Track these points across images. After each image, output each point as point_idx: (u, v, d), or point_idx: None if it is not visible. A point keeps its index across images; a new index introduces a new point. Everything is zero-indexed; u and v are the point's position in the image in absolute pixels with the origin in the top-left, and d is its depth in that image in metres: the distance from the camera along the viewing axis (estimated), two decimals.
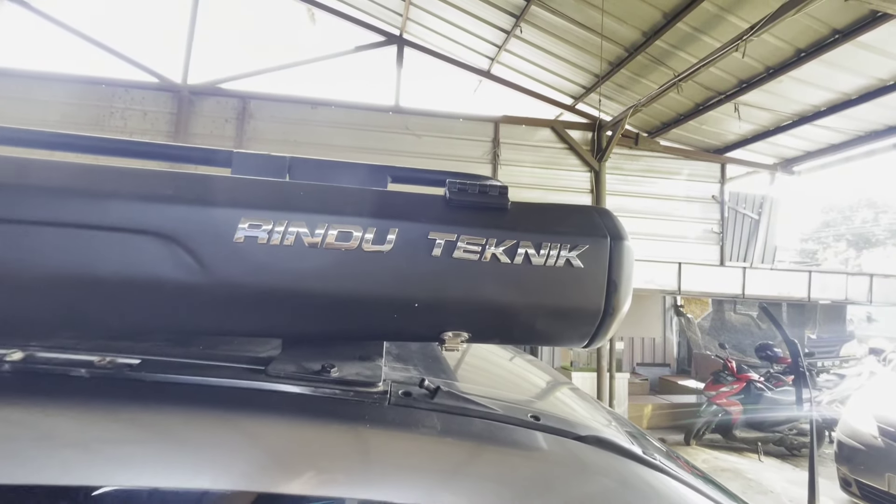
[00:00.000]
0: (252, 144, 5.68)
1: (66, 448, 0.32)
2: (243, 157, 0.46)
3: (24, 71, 5.41)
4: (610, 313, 0.41)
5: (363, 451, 0.36)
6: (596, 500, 0.38)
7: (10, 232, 0.32)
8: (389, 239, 0.36)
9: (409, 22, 6.07)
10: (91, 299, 0.35)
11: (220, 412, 0.36)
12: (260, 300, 0.36)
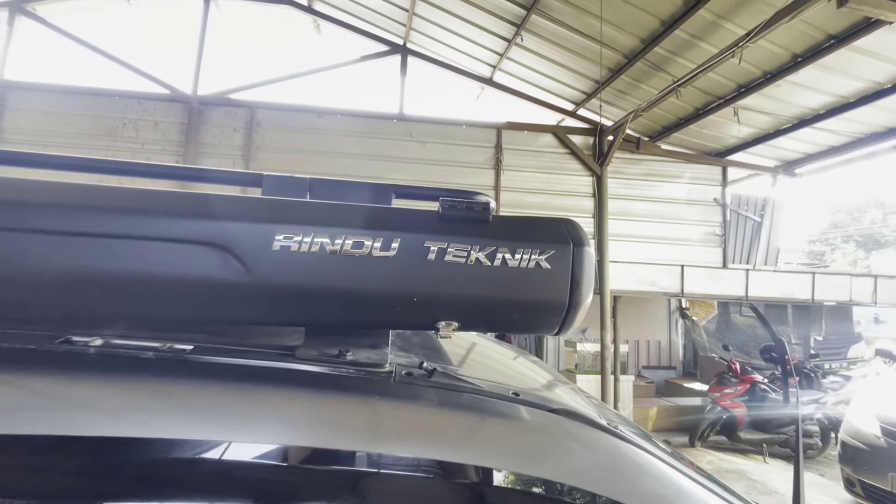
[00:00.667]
0: (260, 153, 5.82)
1: (140, 411, 0.41)
2: (271, 179, 0.56)
3: (41, 84, 5.60)
4: (574, 306, 0.50)
5: (373, 418, 0.46)
6: (564, 460, 0.47)
7: (99, 244, 0.42)
8: (393, 247, 0.46)
9: (412, 32, 6.21)
10: (160, 297, 0.45)
11: (257, 387, 0.46)
12: (291, 296, 0.46)
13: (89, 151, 5.55)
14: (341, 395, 0.46)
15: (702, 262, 6.40)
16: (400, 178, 5.93)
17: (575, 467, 0.46)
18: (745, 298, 6.51)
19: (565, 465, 0.46)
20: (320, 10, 6.48)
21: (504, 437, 0.47)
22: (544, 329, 0.51)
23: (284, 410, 0.44)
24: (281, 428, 0.42)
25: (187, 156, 5.67)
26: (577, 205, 6.21)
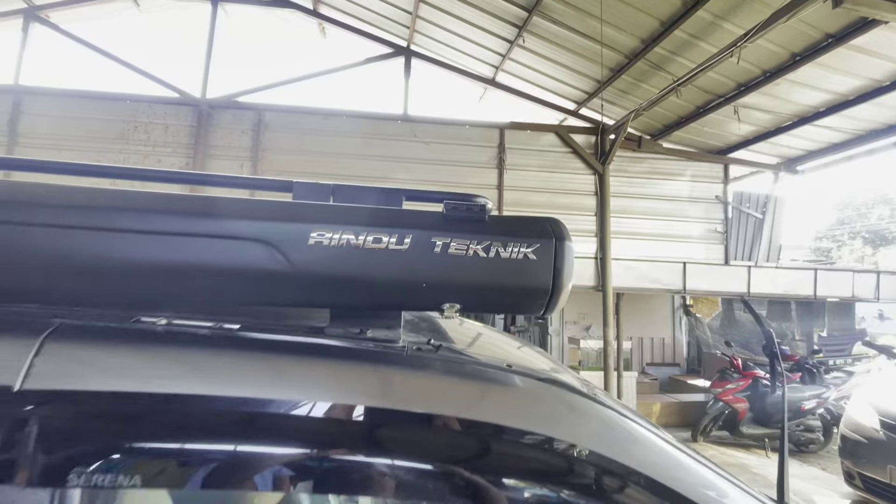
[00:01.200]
0: (268, 155, 5.94)
1: (201, 375, 0.52)
2: (301, 185, 0.66)
3: (55, 89, 5.75)
4: (556, 291, 0.60)
5: (388, 382, 0.56)
6: (548, 417, 0.57)
7: (173, 242, 0.52)
8: (406, 242, 0.55)
9: (415, 34, 6.30)
10: (217, 284, 0.55)
11: (296, 357, 0.56)
12: (322, 283, 0.56)
13: (102, 154, 5.69)
14: (362, 365, 0.56)
15: (704, 259, 6.46)
16: (404, 178, 6.03)
17: (557, 423, 0.55)
18: (748, 295, 6.57)
19: (549, 421, 0.55)
20: (325, 14, 6.59)
21: (498, 398, 0.57)
22: (532, 310, 0.60)
23: (318, 376, 0.54)
24: (316, 389, 0.52)
25: (197, 158, 5.80)
26: (579, 203, 6.28)
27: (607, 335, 6.14)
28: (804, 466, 5.43)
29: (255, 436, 0.49)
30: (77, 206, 0.52)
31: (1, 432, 0.45)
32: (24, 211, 0.52)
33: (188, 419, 0.49)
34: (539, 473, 0.53)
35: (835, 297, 7.10)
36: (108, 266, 0.53)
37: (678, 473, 0.57)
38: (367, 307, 0.61)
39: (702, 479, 0.60)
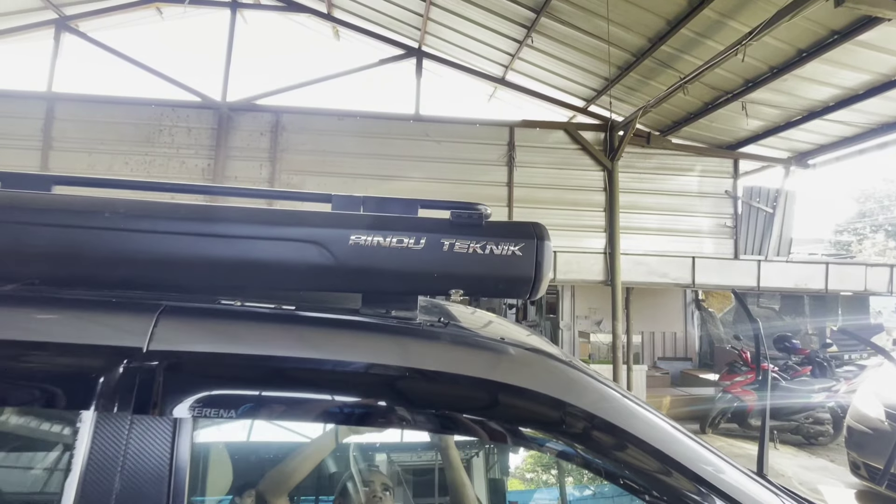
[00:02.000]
0: (285, 155, 6.16)
1: (273, 341, 0.70)
2: (338, 197, 0.84)
3: (85, 95, 6.05)
4: (538, 280, 0.76)
5: (407, 349, 0.73)
6: (532, 375, 0.74)
7: (247, 243, 0.70)
8: (421, 242, 0.72)
9: (426, 35, 6.45)
10: (282, 275, 0.73)
11: (340, 330, 0.74)
12: (358, 274, 0.73)
13: (130, 157, 5.99)
14: (389, 336, 0.74)
15: (713, 253, 6.52)
16: (417, 176, 6.21)
17: (537, 379, 0.72)
18: (757, 289, 6.61)
19: (530, 378, 0.72)
20: (339, 17, 6.78)
21: (491, 360, 0.74)
22: (520, 295, 0.76)
23: (357, 343, 0.72)
24: (355, 352, 0.70)
25: (218, 159, 6.06)
26: (588, 199, 6.39)
27: (616, 329, 6.25)
28: (813, 458, 5.50)
29: (311, 383, 0.68)
30: (180, 218, 0.71)
31: (137, 379, 0.64)
32: (141, 222, 0.71)
33: (262, 371, 0.67)
34: (521, 418, 0.70)
35: (847, 291, 7.10)
36: (198, 262, 0.72)
37: (635, 421, 0.74)
38: (391, 293, 0.79)
39: (659, 428, 0.76)
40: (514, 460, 0.98)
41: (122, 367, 0.63)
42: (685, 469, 0.71)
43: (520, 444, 0.73)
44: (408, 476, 0.96)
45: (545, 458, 0.85)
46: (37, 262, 0.73)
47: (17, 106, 5.88)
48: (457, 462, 0.94)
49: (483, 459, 1.02)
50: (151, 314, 0.68)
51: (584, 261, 6.33)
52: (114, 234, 0.70)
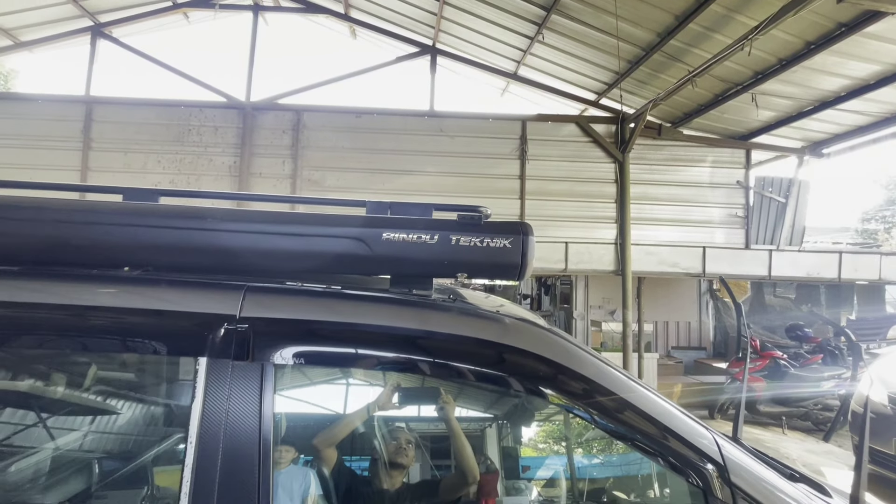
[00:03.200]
0: (306, 152, 6.45)
1: (327, 310, 0.96)
2: (371, 203, 1.08)
3: (119, 98, 6.43)
4: (523, 266, 0.99)
5: (424, 317, 0.98)
6: (524, 338, 0.98)
7: (308, 240, 0.96)
8: (435, 238, 0.96)
9: (440, 33, 6.63)
10: (332, 263, 0.98)
11: (374, 304, 0.99)
12: (389, 262, 0.98)
13: (162, 156, 6.35)
14: (410, 308, 0.99)
15: (724, 243, 6.60)
16: (432, 171, 6.43)
17: (524, 340, 0.96)
18: (769, 278, 6.68)
19: (520, 339, 0.96)
20: (355, 17, 7.00)
21: (488, 325, 0.98)
22: (510, 277, 1.00)
23: (387, 313, 0.97)
24: (387, 320, 0.95)
25: (243, 157, 6.38)
26: (600, 191, 6.53)
27: (626, 317, 6.41)
28: (821, 443, 5.61)
29: (354, 341, 0.93)
30: (260, 221, 0.97)
31: (234, 336, 0.90)
32: (232, 225, 0.97)
33: (319, 332, 0.93)
34: (509, 368, 0.94)
35: (862, 280, 7.10)
36: (272, 254, 0.98)
37: (596, 371, 0.97)
38: (412, 276, 1.03)
39: (618, 378, 0.99)
40: (503, 408, 1.23)
41: (224, 328, 0.89)
42: (639, 410, 0.95)
43: (506, 389, 0.98)
44: (424, 437, 1.22)
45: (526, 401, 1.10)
46: (150, 253, 1.00)
47: (59, 109, 6.30)
48: (457, 428, 1.16)
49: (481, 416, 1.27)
50: (240, 291, 0.94)
51: (595, 251, 6.49)
52: (211, 234, 0.96)
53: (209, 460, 0.82)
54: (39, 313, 0.92)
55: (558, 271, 6.64)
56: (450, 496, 1.15)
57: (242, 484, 0.81)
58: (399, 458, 1.10)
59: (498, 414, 1.17)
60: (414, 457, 1.15)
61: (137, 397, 0.98)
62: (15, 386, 0.96)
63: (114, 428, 0.96)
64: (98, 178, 6.28)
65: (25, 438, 0.95)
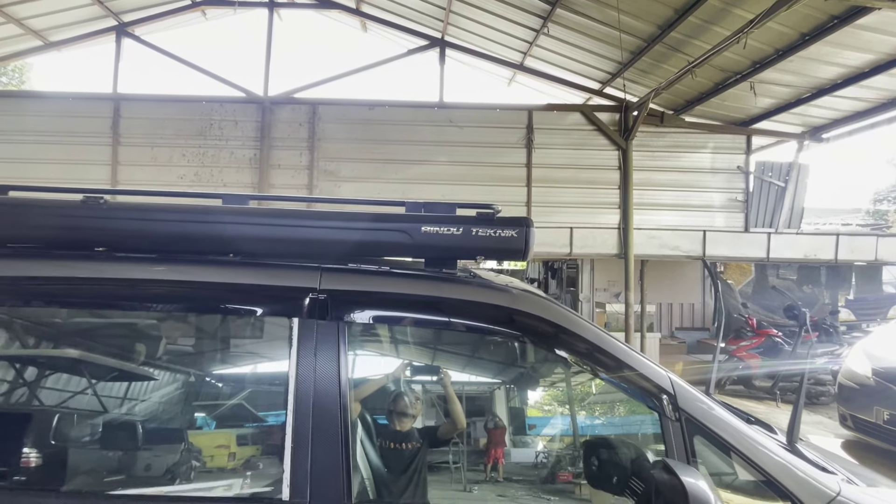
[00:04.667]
0: (322, 144, 6.76)
1: (375, 282, 1.31)
2: (410, 203, 1.42)
3: (145, 95, 6.76)
4: (526, 250, 1.32)
5: (451, 288, 1.32)
6: (526, 303, 1.32)
7: (366, 232, 1.30)
8: (459, 231, 1.29)
9: (449, 26, 6.84)
10: (383, 250, 1.32)
11: (415, 280, 1.34)
12: (426, 248, 1.31)
13: (186, 150, 6.70)
14: (441, 282, 1.33)
15: (724, 226, 6.85)
16: (441, 160, 6.72)
17: (525, 303, 1.30)
18: (767, 260, 6.94)
19: (526, 304, 1.30)
20: (366, 12, 7.22)
21: (500, 295, 1.32)
22: (516, 259, 1.33)
23: (424, 286, 1.31)
24: (424, 289, 1.30)
25: (263, 149, 6.71)
26: (603, 177, 6.78)
27: (628, 299, 6.73)
28: (811, 415, 5.95)
29: (399, 306, 1.28)
30: (328, 219, 1.31)
31: (316, 303, 1.24)
32: (307, 221, 1.31)
33: (375, 301, 1.28)
34: (515, 324, 1.29)
35: (860, 262, 7.33)
36: (340, 244, 1.32)
37: (577, 327, 1.30)
38: (443, 259, 1.37)
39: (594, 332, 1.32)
40: (510, 357, 1.60)
41: (309, 297, 1.24)
42: (612, 355, 1.29)
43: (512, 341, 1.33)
44: (428, 395, 1.61)
45: (528, 351, 1.46)
46: (248, 243, 1.34)
47: (89, 106, 6.65)
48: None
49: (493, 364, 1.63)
50: (318, 271, 1.29)
51: (598, 235, 6.78)
52: (294, 229, 1.30)
53: (304, 391, 1.17)
54: (175, 288, 1.27)
55: (563, 255, 6.96)
56: (445, 437, 1.59)
57: (328, 409, 1.16)
58: (411, 409, 1.52)
59: (505, 361, 1.53)
60: (421, 409, 1.56)
61: (252, 348, 1.35)
62: (167, 339, 1.33)
63: (234, 368, 1.33)
64: (127, 171, 6.66)
65: (170, 380, 1.32)
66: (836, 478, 1.32)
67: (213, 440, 1.32)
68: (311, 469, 1.10)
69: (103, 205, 1.29)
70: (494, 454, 1.57)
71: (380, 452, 1.45)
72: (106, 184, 6.49)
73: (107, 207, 1.29)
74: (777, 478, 1.19)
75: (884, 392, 4.33)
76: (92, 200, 1.29)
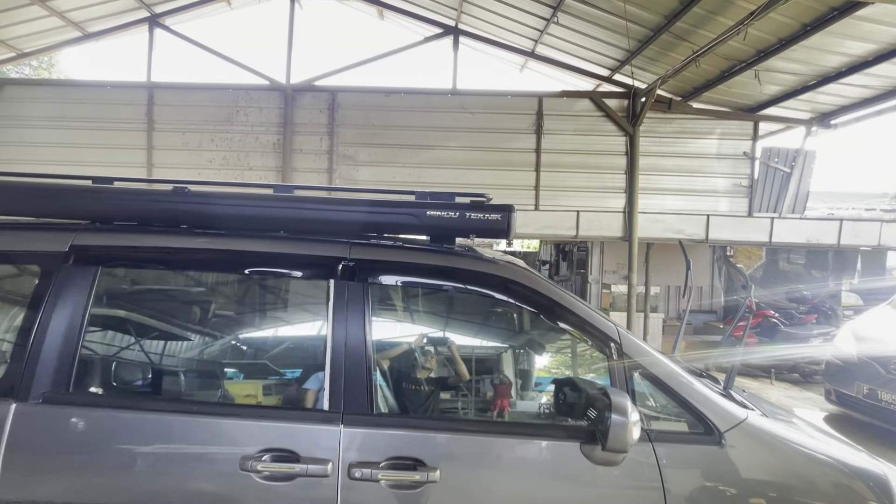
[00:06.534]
0: (341, 129, 7.13)
1: (392, 255, 1.71)
2: (419, 192, 1.79)
3: (177, 83, 7.20)
4: (509, 231, 1.68)
5: (450, 259, 1.70)
6: (507, 270, 1.70)
7: (388, 215, 1.69)
8: (456, 214, 1.65)
9: (462, 14, 7.06)
10: (396, 229, 1.71)
11: (422, 252, 1.73)
12: (430, 228, 1.69)
13: (215, 136, 7.14)
14: (442, 254, 1.71)
15: (728, 211, 7.05)
16: (454, 146, 7.03)
17: (509, 272, 1.67)
18: (769, 244, 7.14)
19: (509, 273, 1.67)
20: (383, 0, 7.47)
21: (486, 263, 1.69)
22: (501, 237, 1.69)
23: (430, 257, 1.70)
24: (427, 259, 1.69)
25: (286, 135, 7.11)
26: (610, 163, 7.02)
27: (631, 280, 7.03)
28: (803, 391, 6.25)
29: (408, 272, 1.68)
30: (360, 204, 1.70)
31: (347, 270, 1.64)
32: (338, 206, 1.71)
33: (392, 267, 1.68)
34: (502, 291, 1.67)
35: (865, 246, 7.46)
36: (363, 223, 1.71)
37: (557, 296, 1.67)
38: (444, 236, 1.75)
39: (566, 298, 1.70)
40: (498, 315, 1.99)
41: (342, 264, 1.64)
42: (573, 311, 1.66)
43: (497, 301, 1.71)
44: (440, 356, 2.02)
45: (510, 310, 1.85)
46: (293, 223, 1.75)
47: (126, 94, 7.12)
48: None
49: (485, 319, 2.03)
50: (348, 244, 1.68)
51: (604, 219, 7.06)
52: (329, 212, 1.70)
53: (339, 332, 1.57)
54: (241, 257, 1.69)
55: (570, 237, 7.27)
56: (452, 384, 2.01)
57: (356, 346, 1.57)
58: (427, 363, 1.94)
59: (490, 317, 1.93)
60: (435, 364, 1.97)
61: (299, 301, 1.77)
62: (237, 293, 1.77)
63: (287, 315, 1.76)
64: (161, 155, 7.15)
65: (237, 322, 1.76)
66: (750, 411, 1.69)
67: (273, 365, 1.77)
68: (343, 387, 1.51)
69: (187, 193, 1.70)
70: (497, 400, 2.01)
71: (400, 388, 1.89)
72: (142, 167, 7.01)
73: (189, 195, 1.70)
74: (695, 404, 1.57)
75: (865, 368, 4.61)
76: (178, 189, 1.70)
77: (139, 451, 1.43)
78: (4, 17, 6.52)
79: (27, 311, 1.53)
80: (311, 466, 1.40)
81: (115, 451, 1.42)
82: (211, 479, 1.43)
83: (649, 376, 1.62)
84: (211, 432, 1.46)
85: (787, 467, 1.56)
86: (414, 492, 1.42)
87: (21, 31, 6.98)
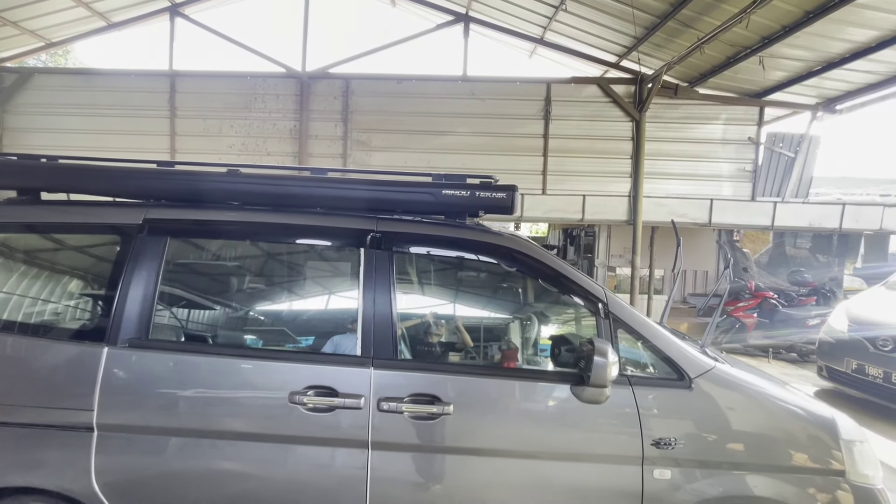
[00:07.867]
0: (355, 116, 7.38)
1: (412, 229, 2.02)
2: (435, 175, 2.07)
3: (197, 71, 7.47)
4: (513, 207, 1.96)
5: (463, 232, 2.00)
6: (511, 241, 1.99)
7: (409, 194, 1.98)
8: (467, 193, 1.92)
9: (473, 1, 7.20)
10: (415, 207, 1.99)
11: (439, 226, 2.03)
12: (445, 206, 1.95)
13: (234, 122, 7.43)
14: (456, 228, 1.99)
15: (731, 195, 7.21)
16: (464, 131, 7.25)
17: (514, 244, 1.95)
18: (772, 227, 7.30)
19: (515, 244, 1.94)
20: None
21: (493, 236, 1.97)
22: (506, 213, 1.97)
23: (446, 231, 1.99)
24: (444, 232, 1.98)
25: (302, 121, 7.38)
26: (616, 148, 7.19)
27: (635, 262, 7.27)
28: (799, 370, 6.48)
29: (429, 243, 1.97)
30: (385, 184, 1.99)
31: (375, 240, 1.94)
32: (367, 186, 1.99)
33: (413, 239, 1.98)
34: (507, 258, 1.95)
35: (868, 230, 7.59)
36: (388, 202, 2.00)
37: (555, 264, 1.95)
38: (457, 214, 2.03)
39: (562, 266, 1.97)
40: (503, 281, 2.29)
41: (371, 235, 1.93)
42: (567, 277, 1.94)
43: (504, 270, 2.00)
44: (450, 324, 2.32)
45: (513, 276, 2.14)
46: (326, 201, 2.04)
47: (149, 82, 7.42)
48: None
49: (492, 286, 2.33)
50: (375, 219, 1.97)
51: (609, 203, 7.27)
52: (358, 192, 1.99)
53: (368, 293, 1.87)
54: (286, 229, 1.99)
55: (576, 221, 7.50)
56: (458, 348, 2.30)
57: (383, 304, 1.87)
58: (438, 329, 2.25)
59: (496, 282, 2.23)
60: (444, 330, 2.28)
61: (335, 266, 2.08)
62: (283, 260, 2.09)
63: (325, 277, 2.07)
64: (183, 141, 7.47)
65: (286, 284, 2.08)
66: (718, 363, 1.97)
67: (315, 318, 2.09)
68: (373, 337, 1.82)
69: (238, 175, 2.00)
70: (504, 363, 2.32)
71: (419, 339, 2.22)
72: (166, 152, 7.34)
73: (241, 176, 2.00)
74: (668, 353, 1.85)
75: (855, 345, 4.84)
76: (232, 171, 2.00)
77: (205, 387, 1.76)
78: (33, 9, 6.82)
79: (112, 273, 1.86)
80: (347, 400, 1.72)
81: (186, 386, 1.75)
82: (265, 410, 1.76)
83: (630, 330, 1.90)
84: (264, 373, 1.78)
85: (748, 409, 1.84)
86: (431, 422, 1.73)
87: (49, 21, 7.28)
